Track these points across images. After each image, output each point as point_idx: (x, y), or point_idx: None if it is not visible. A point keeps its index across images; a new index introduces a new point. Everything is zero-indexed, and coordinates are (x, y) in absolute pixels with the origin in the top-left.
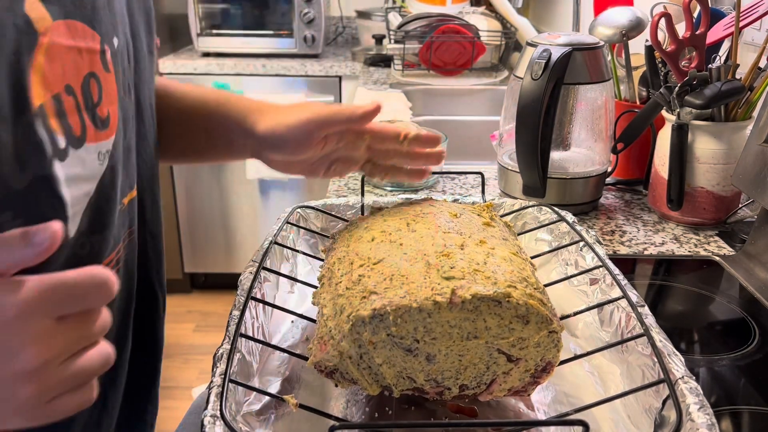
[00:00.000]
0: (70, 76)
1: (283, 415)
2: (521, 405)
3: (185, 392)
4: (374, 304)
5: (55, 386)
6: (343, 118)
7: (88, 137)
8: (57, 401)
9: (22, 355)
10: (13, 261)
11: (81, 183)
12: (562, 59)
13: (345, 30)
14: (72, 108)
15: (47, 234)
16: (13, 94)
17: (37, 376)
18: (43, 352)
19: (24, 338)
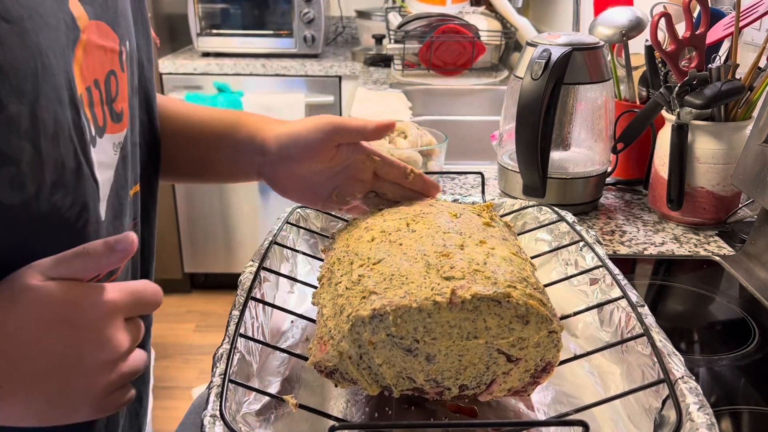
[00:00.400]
0: (98, 72)
1: (283, 415)
2: (521, 405)
3: (185, 392)
4: (374, 304)
5: (119, 379)
6: (355, 127)
7: (107, 128)
8: (113, 395)
9: (107, 347)
10: (99, 269)
11: (104, 169)
12: (562, 59)
13: (345, 30)
14: (98, 100)
15: (127, 242)
16: (66, 81)
17: (112, 367)
18: (122, 345)
19: (110, 333)
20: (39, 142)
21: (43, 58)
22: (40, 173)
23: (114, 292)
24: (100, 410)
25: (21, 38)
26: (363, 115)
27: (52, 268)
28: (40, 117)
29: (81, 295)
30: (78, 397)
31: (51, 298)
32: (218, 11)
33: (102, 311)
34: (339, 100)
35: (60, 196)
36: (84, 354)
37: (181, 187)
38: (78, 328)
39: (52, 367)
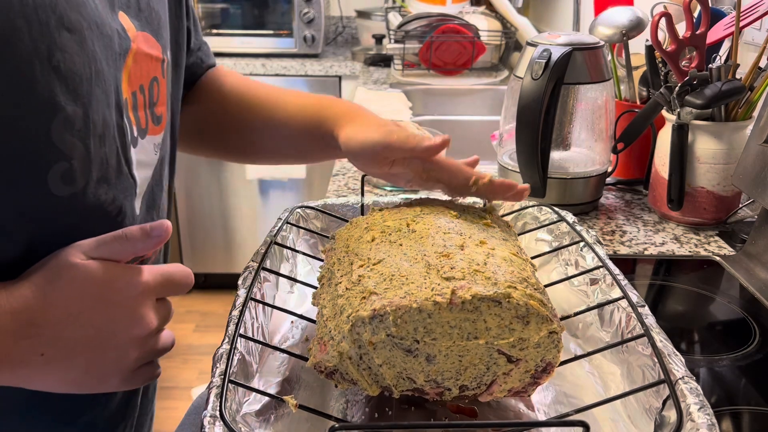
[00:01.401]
0: (144, 78)
1: (283, 415)
2: (521, 405)
3: (185, 392)
4: (374, 305)
5: (147, 355)
6: (407, 147)
7: (149, 130)
8: (140, 370)
9: (139, 324)
10: (135, 252)
11: (144, 168)
12: (563, 59)
13: (345, 30)
14: (142, 104)
15: (162, 228)
16: (114, 86)
17: (142, 343)
18: (152, 323)
19: (143, 311)
20: (89, 141)
21: (97, 64)
22: (89, 169)
23: (148, 274)
24: (128, 382)
25: (80, 46)
26: None
27: (93, 249)
28: (91, 118)
29: (117, 275)
30: (110, 368)
31: (91, 275)
32: (218, 11)
33: (136, 290)
34: None
35: (103, 192)
36: (118, 329)
37: (181, 187)
38: (114, 304)
39: (89, 339)
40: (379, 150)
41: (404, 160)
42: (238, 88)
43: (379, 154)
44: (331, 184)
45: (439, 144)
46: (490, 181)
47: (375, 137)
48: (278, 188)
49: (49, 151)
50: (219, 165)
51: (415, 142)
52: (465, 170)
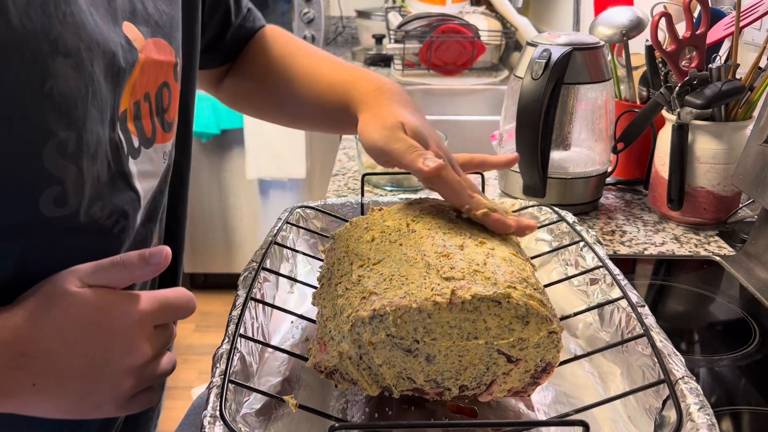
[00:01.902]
0: (150, 85)
1: (283, 415)
2: (521, 405)
3: (185, 392)
4: (374, 305)
5: (143, 383)
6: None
7: (157, 138)
8: (137, 396)
9: (134, 353)
10: (133, 279)
11: (150, 178)
12: (563, 59)
13: (345, 30)
14: (147, 113)
15: (161, 255)
16: (111, 102)
17: (137, 372)
18: (147, 352)
19: (139, 340)
20: (82, 162)
21: (94, 84)
22: (81, 190)
23: (145, 302)
24: (124, 409)
25: (76, 69)
26: None
27: (90, 275)
28: (85, 140)
29: (113, 304)
30: (104, 397)
31: (86, 304)
32: None
33: (132, 319)
34: None
35: (98, 208)
36: (112, 358)
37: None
38: (108, 334)
39: (82, 368)
40: (379, 155)
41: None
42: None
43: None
44: (331, 184)
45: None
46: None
47: (377, 140)
48: (278, 188)
49: (41, 176)
50: (219, 165)
51: (409, 160)
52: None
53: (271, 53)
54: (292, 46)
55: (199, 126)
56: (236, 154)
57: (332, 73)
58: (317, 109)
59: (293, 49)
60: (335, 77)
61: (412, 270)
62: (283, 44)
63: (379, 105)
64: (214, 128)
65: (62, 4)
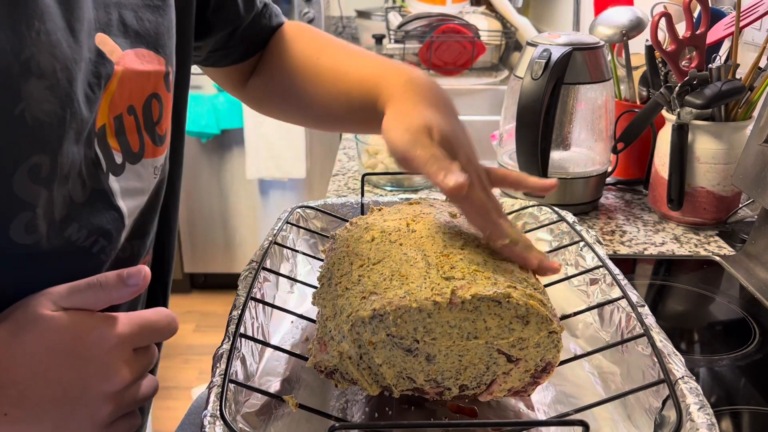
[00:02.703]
0: (134, 98)
1: (283, 415)
2: (521, 405)
3: (185, 392)
4: (374, 305)
5: (123, 408)
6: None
7: (146, 153)
8: (116, 423)
9: (112, 379)
10: (110, 301)
11: (137, 195)
12: (563, 59)
13: (345, 30)
14: (132, 127)
15: (140, 276)
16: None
17: (116, 398)
18: (126, 377)
19: (117, 365)
20: (53, 186)
21: (73, 105)
22: (51, 213)
23: (123, 325)
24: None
25: (51, 90)
26: None
27: (65, 298)
28: (59, 162)
29: (89, 328)
30: (81, 425)
31: (60, 329)
32: None
33: (109, 344)
34: None
35: (73, 230)
36: (89, 385)
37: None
38: (84, 360)
39: (57, 397)
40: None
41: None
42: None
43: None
44: (331, 184)
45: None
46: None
47: (398, 144)
48: (278, 188)
49: (11, 203)
50: (219, 165)
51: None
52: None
53: (294, 52)
54: (317, 42)
55: (199, 126)
56: (236, 154)
57: (361, 69)
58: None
59: (318, 45)
60: (364, 72)
61: (412, 270)
62: (308, 41)
63: (406, 101)
64: (214, 128)
65: (36, 22)
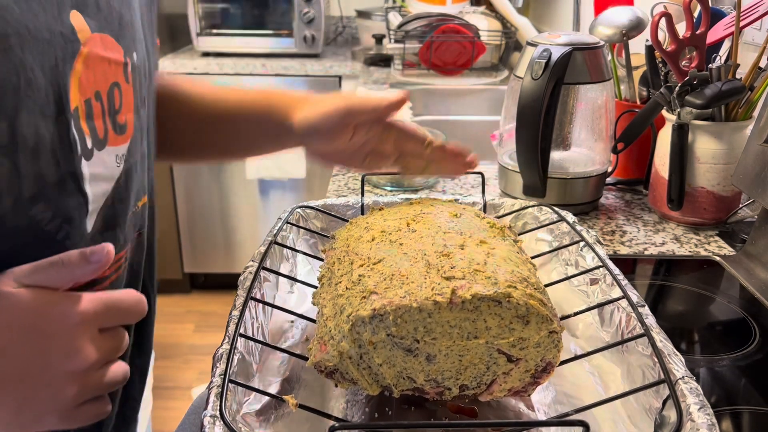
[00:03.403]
0: (100, 84)
1: (283, 415)
2: (521, 405)
3: (185, 392)
4: (374, 304)
5: (89, 391)
6: (369, 107)
7: (109, 141)
8: (84, 407)
9: (75, 357)
10: (73, 279)
11: (101, 182)
12: (563, 59)
13: (345, 30)
14: (99, 113)
15: (103, 253)
16: (55, 95)
17: (81, 378)
18: (91, 356)
19: (81, 343)
20: (17, 157)
21: (27, 72)
22: (17, 187)
23: (87, 302)
24: (69, 421)
25: (3, 55)
26: None
27: (27, 276)
28: (19, 132)
29: (51, 304)
30: (44, 407)
31: (21, 305)
32: (218, 11)
33: (72, 321)
34: None
35: (39, 210)
36: (51, 363)
37: (181, 186)
38: (46, 336)
39: (17, 375)
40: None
41: (364, 126)
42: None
43: (340, 122)
44: (331, 184)
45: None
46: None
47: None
48: (278, 188)
49: None
50: (219, 165)
51: (376, 101)
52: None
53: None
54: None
55: None
56: None
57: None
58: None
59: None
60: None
61: (412, 269)
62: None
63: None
64: None
65: None
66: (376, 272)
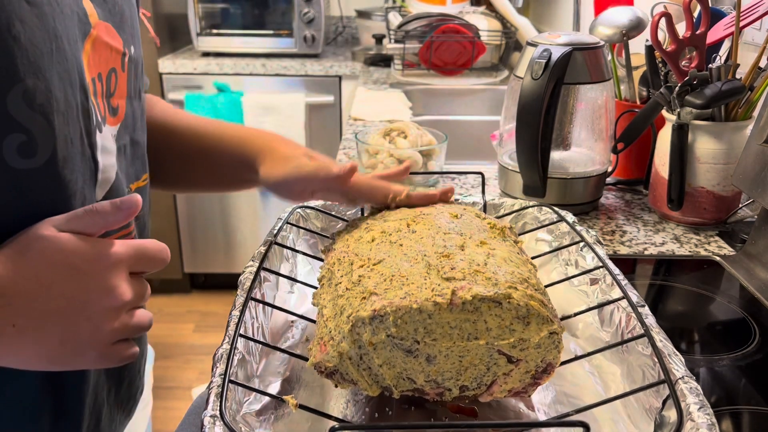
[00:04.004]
0: (102, 67)
1: (283, 415)
2: (521, 405)
3: (185, 392)
4: (374, 305)
5: (123, 329)
6: (319, 178)
7: (106, 119)
8: (117, 346)
9: (112, 295)
10: (106, 225)
11: (108, 155)
12: (563, 59)
13: (345, 30)
14: (100, 92)
15: (132, 203)
16: (76, 67)
17: (117, 314)
18: (126, 294)
19: (116, 281)
20: (52, 117)
21: (58, 41)
22: (52, 146)
23: (120, 246)
24: (105, 358)
25: (40, 20)
26: (363, 115)
27: (64, 223)
28: (54, 94)
29: (88, 246)
30: (84, 340)
31: (62, 246)
32: (218, 11)
33: (108, 261)
34: (339, 100)
35: (68, 171)
36: (90, 299)
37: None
38: (85, 275)
39: (61, 309)
40: (293, 184)
41: (322, 189)
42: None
43: (295, 188)
44: None
45: (348, 171)
46: (407, 197)
47: (286, 173)
48: None
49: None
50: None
51: (324, 173)
52: (383, 189)
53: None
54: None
55: None
56: None
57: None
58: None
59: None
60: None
61: (412, 270)
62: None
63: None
64: None
65: None
66: (376, 273)
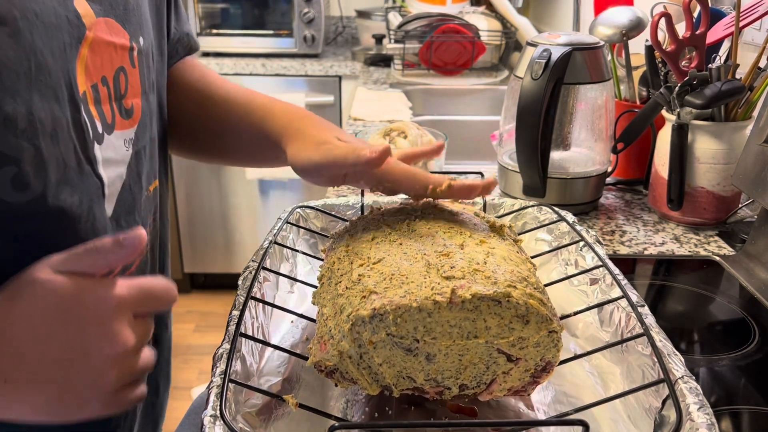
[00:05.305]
0: (106, 69)
1: (283, 415)
2: (521, 405)
3: (185, 392)
4: (374, 304)
5: (127, 375)
6: (348, 163)
7: (116, 125)
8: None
9: (114, 342)
10: (108, 264)
11: (114, 166)
12: (563, 59)
13: (345, 30)
14: (106, 97)
15: (135, 239)
16: (65, 80)
17: (119, 363)
18: (129, 340)
19: (118, 327)
20: (38, 142)
21: (37, 57)
22: (44, 172)
23: (122, 288)
24: (110, 406)
25: (13, 39)
26: (363, 115)
27: (62, 263)
28: (36, 116)
29: (87, 289)
30: (86, 392)
31: (57, 291)
32: (218, 11)
33: (109, 306)
34: (339, 100)
35: (67, 194)
36: (90, 348)
37: (181, 186)
38: (83, 321)
39: (56, 360)
40: (323, 169)
41: (355, 173)
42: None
43: (324, 173)
44: None
45: (379, 155)
46: (448, 187)
47: (315, 158)
48: (278, 188)
49: None
50: (219, 165)
51: (354, 157)
52: (422, 179)
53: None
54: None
55: None
56: None
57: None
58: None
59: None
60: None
61: (412, 269)
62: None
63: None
64: None
65: None
66: (375, 272)
